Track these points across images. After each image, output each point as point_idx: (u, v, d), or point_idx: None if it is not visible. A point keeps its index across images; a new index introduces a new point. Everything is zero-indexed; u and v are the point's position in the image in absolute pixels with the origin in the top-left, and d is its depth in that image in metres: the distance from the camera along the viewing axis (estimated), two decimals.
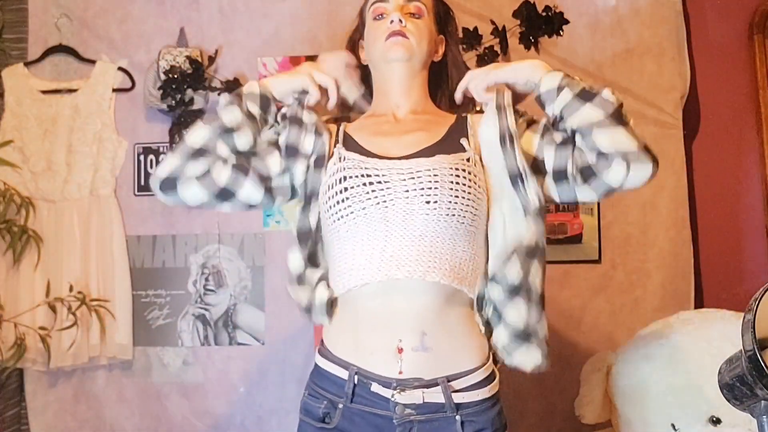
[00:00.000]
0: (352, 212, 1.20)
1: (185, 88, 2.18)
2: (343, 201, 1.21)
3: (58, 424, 2.21)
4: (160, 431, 2.22)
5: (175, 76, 2.17)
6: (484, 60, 2.22)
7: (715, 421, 1.52)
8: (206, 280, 2.24)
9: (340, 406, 1.21)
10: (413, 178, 1.20)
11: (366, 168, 1.22)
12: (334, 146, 1.30)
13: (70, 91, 2.23)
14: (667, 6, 2.27)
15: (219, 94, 2.20)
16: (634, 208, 2.26)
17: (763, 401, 0.92)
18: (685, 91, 2.26)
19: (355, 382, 1.20)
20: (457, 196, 1.19)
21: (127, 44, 2.28)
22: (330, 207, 1.23)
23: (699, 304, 2.25)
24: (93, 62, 2.25)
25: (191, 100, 2.20)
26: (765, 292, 0.88)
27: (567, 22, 2.18)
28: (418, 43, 1.33)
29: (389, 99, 1.37)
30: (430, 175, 1.19)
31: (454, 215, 1.19)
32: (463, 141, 1.28)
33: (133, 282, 2.22)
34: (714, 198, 2.29)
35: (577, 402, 1.78)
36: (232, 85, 2.20)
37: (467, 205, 1.20)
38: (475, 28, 2.20)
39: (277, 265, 2.22)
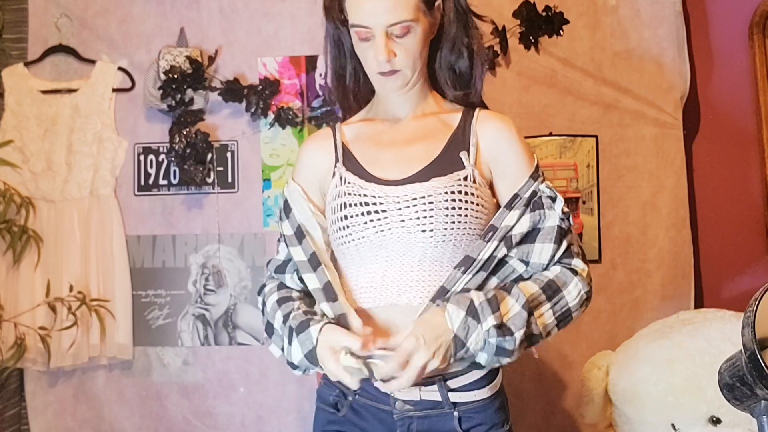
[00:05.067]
0: (352, 240, 1.24)
1: (185, 88, 2.18)
2: (344, 228, 1.24)
3: (58, 424, 2.21)
4: (160, 431, 2.22)
5: (175, 76, 2.17)
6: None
7: (715, 421, 1.52)
8: (206, 280, 2.24)
9: (350, 398, 1.27)
10: (408, 206, 1.21)
11: (365, 195, 1.24)
12: (335, 163, 1.32)
13: (70, 91, 2.23)
14: (667, 6, 2.27)
15: (219, 95, 2.20)
16: (634, 208, 2.26)
17: (763, 401, 0.92)
18: (685, 91, 2.26)
19: None
20: (452, 222, 1.20)
21: (127, 44, 2.28)
22: (333, 231, 1.27)
23: (699, 304, 2.25)
24: (93, 62, 2.25)
25: (191, 100, 2.20)
26: (765, 292, 0.88)
27: (567, 22, 2.19)
28: (412, 67, 1.26)
29: (389, 107, 1.35)
30: (425, 203, 1.20)
31: (450, 241, 1.20)
32: (463, 155, 1.26)
33: (133, 282, 2.22)
34: (714, 198, 2.29)
35: (577, 401, 1.78)
36: (232, 85, 2.20)
37: (463, 230, 1.21)
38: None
39: None
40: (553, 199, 1.24)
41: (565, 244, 1.23)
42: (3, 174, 2.14)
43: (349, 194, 1.25)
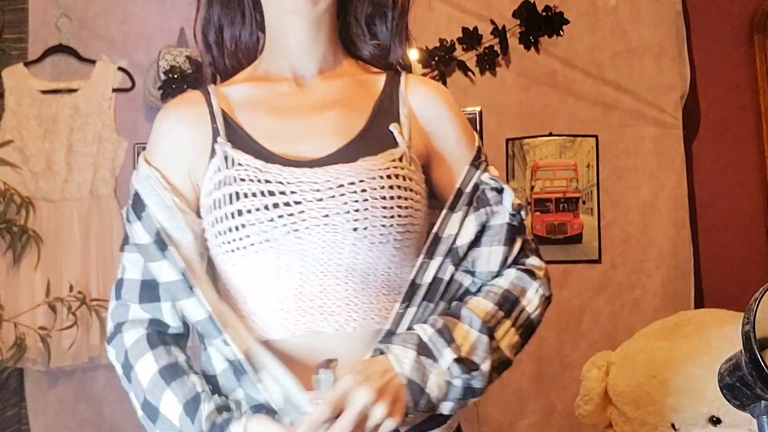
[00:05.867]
0: (251, 244, 0.89)
1: (185, 88, 2.18)
2: (237, 229, 0.89)
3: (58, 424, 2.21)
4: None
5: (175, 76, 2.17)
6: (483, 60, 2.22)
7: (715, 421, 1.51)
8: None
9: None
10: (333, 196, 0.89)
11: (267, 181, 0.89)
12: (214, 138, 0.94)
13: (70, 91, 2.23)
14: (667, 6, 2.27)
15: None
16: (634, 208, 2.26)
17: (763, 401, 0.92)
18: (685, 91, 2.26)
19: None
20: (392, 217, 0.90)
21: (127, 44, 2.28)
22: (219, 233, 0.91)
23: (699, 304, 2.25)
24: (93, 62, 2.25)
25: None
26: (765, 292, 0.87)
27: (567, 22, 2.19)
28: None
29: (287, 58, 1.00)
30: (355, 191, 0.89)
31: (388, 242, 0.90)
32: (394, 128, 0.96)
33: None
34: (714, 198, 2.29)
35: (577, 401, 1.78)
36: None
37: (404, 225, 0.91)
38: (475, 28, 2.20)
39: None
40: (500, 191, 0.97)
41: (519, 243, 0.96)
42: (3, 174, 2.14)
43: (243, 180, 0.90)
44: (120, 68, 2.26)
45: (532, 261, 0.99)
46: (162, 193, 0.94)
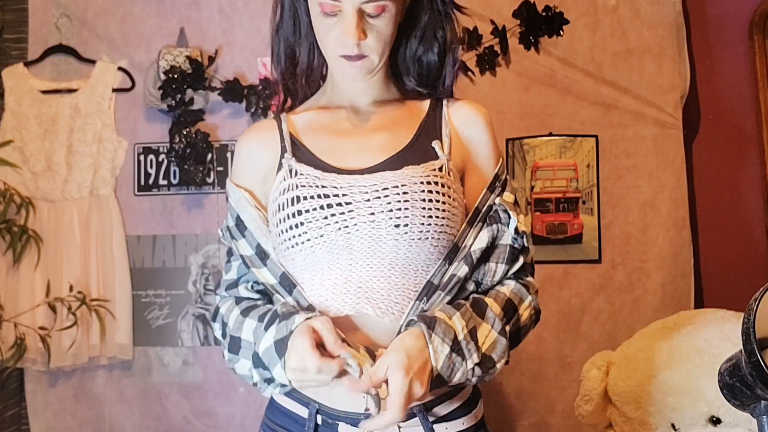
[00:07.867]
0: (308, 239, 1.03)
1: (185, 88, 2.18)
2: (297, 227, 1.04)
3: (58, 424, 2.21)
4: (160, 431, 2.22)
5: (175, 76, 2.17)
6: (483, 60, 2.22)
7: (715, 421, 1.51)
8: (206, 280, 2.24)
9: None
10: (379, 197, 1.02)
11: (323, 186, 1.04)
12: (281, 155, 1.12)
13: (70, 91, 2.23)
14: (667, 6, 2.27)
15: (219, 95, 2.20)
16: (634, 208, 2.26)
17: (763, 401, 0.92)
18: (685, 91, 2.26)
19: (318, 421, 1.07)
20: (430, 216, 1.03)
21: (127, 44, 2.28)
22: (282, 232, 1.06)
23: (699, 304, 2.25)
24: (93, 62, 2.25)
25: (191, 100, 2.20)
26: (765, 292, 0.87)
27: (567, 22, 2.19)
28: (381, 53, 1.08)
29: (344, 95, 1.17)
30: (398, 193, 1.02)
31: (427, 239, 1.03)
32: (436, 144, 1.10)
33: (133, 282, 2.22)
34: (714, 198, 2.29)
35: (577, 401, 1.78)
36: (232, 85, 2.20)
37: (441, 226, 1.04)
38: (475, 28, 2.20)
39: None
40: (508, 215, 1.11)
41: (521, 261, 1.11)
42: (3, 174, 2.14)
43: (303, 186, 1.05)
44: (120, 68, 2.26)
45: (530, 279, 1.15)
46: (251, 210, 1.13)
